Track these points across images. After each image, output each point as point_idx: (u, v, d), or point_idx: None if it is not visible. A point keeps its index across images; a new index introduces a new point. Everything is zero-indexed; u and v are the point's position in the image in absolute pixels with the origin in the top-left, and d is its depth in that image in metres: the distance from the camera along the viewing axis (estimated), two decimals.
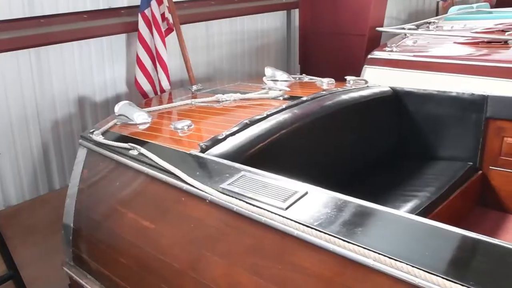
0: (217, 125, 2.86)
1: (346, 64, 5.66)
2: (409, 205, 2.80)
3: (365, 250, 1.60)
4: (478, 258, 1.60)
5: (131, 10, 4.69)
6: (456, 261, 1.57)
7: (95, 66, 4.62)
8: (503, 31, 5.06)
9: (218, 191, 2.10)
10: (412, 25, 5.51)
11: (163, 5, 4.62)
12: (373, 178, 3.24)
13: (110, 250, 2.61)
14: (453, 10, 7.09)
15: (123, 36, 4.80)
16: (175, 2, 4.80)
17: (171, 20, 4.70)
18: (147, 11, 4.51)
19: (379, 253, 1.58)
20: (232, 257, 2.01)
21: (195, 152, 2.50)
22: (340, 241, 1.67)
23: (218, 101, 3.36)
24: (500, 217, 3.25)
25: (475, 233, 1.65)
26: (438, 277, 1.45)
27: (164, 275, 2.26)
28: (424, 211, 2.74)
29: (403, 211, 2.61)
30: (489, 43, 4.66)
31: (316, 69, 5.93)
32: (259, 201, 1.97)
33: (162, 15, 4.62)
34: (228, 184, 2.12)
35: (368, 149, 3.42)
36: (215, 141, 2.57)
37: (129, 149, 2.66)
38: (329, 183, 2.25)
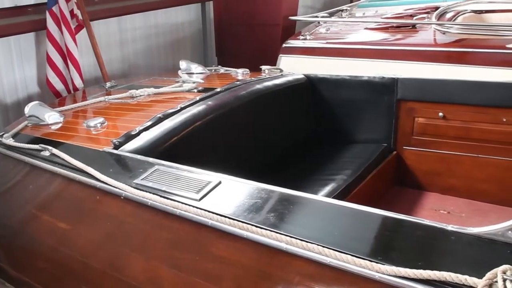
0: (131, 121, 2.83)
1: (263, 54, 5.69)
2: (327, 189, 2.84)
3: (278, 234, 1.64)
4: (387, 234, 1.67)
5: (39, 7, 4.54)
6: (366, 239, 1.63)
7: (4, 67, 4.45)
8: (411, 16, 5.25)
9: (132, 186, 2.09)
10: (325, 13, 5.60)
11: (72, 1, 4.50)
12: (291, 165, 3.28)
13: (28, 256, 2.54)
14: None
15: (32, 35, 4.64)
16: None
17: (80, 17, 4.59)
18: (54, 8, 4.38)
19: (291, 237, 1.62)
20: (150, 252, 2.00)
21: (108, 149, 2.47)
22: (253, 227, 1.70)
23: (132, 97, 3.32)
24: (416, 194, 3.37)
25: (383, 210, 1.72)
26: (347, 255, 1.50)
27: (85, 276, 2.23)
28: (341, 194, 2.80)
29: (321, 195, 2.66)
30: (398, 28, 4.81)
31: (233, 60, 5.95)
32: (173, 194, 1.98)
33: (71, 11, 4.50)
34: (141, 179, 2.12)
35: (285, 136, 3.46)
36: (128, 137, 2.54)
37: (41, 151, 2.60)
38: (248, 172, 2.28)
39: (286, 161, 3.30)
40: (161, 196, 1.98)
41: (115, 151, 2.44)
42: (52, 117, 3.06)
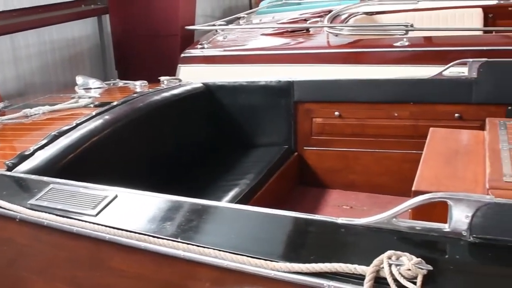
0: (25, 141, 2.75)
1: (163, 65, 5.68)
2: (230, 194, 2.86)
3: (174, 242, 1.64)
4: (282, 233, 1.71)
5: None
6: (262, 239, 1.66)
7: None
8: (305, 20, 5.39)
9: (27, 207, 2.03)
10: (223, 21, 5.65)
11: None
12: (194, 173, 3.28)
13: None
14: (264, 3, 7.40)
15: None
16: None
17: None
18: None
19: (188, 243, 1.62)
20: (49, 273, 1.96)
21: (2, 171, 2.38)
22: (151, 238, 1.69)
23: (26, 116, 3.21)
24: (319, 192, 3.45)
25: (280, 210, 1.76)
26: (243, 256, 1.53)
27: None
28: (245, 198, 2.83)
29: (224, 201, 2.68)
30: (293, 32, 4.94)
31: (134, 73, 5.90)
32: (69, 211, 1.94)
33: None
34: (36, 199, 2.06)
35: (188, 145, 3.45)
36: (22, 157, 2.46)
37: None
38: (150, 184, 2.26)
39: (189, 170, 3.29)
40: (57, 215, 1.94)
41: (8, 173, 2.36)
42: None
